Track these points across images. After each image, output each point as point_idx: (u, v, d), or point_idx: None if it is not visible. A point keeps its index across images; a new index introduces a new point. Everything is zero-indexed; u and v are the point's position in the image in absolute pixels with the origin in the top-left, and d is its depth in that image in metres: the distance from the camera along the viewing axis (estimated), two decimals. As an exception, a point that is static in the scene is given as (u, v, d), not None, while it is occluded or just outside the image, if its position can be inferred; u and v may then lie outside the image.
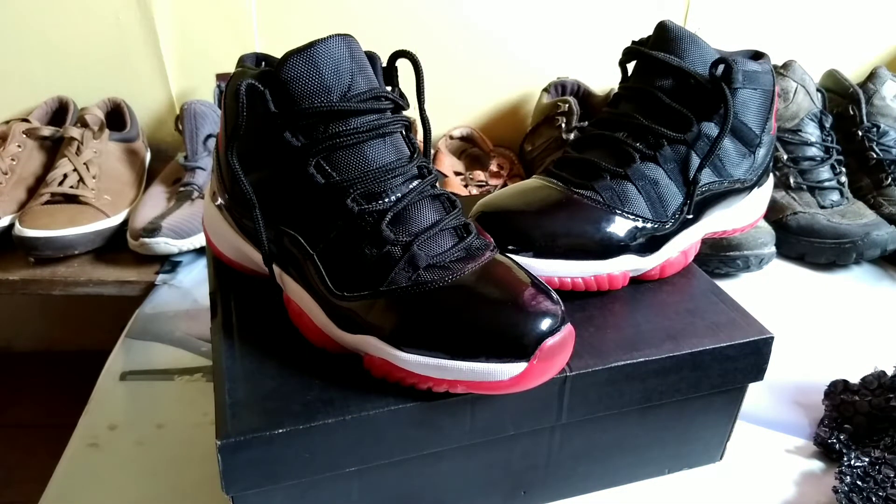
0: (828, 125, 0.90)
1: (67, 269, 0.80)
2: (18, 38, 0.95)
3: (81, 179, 0.83)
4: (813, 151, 0.88)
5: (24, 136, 0.88)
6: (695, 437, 0.54)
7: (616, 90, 0.57)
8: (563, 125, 0.92)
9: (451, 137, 1.04)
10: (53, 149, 0.89)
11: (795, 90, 0.89)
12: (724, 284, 0.56)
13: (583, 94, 1.00)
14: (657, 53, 0.52)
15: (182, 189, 0.85)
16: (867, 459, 0.52)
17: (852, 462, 0.52)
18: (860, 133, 0.92)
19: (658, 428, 0.51)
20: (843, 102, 0.94)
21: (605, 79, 1.03)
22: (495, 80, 1.06)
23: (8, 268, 0.79)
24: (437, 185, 0.45)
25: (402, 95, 0.45)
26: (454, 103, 1.05)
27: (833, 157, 0.88)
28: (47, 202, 0.81)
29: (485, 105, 1.08)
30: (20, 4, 0.93)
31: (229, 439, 0.38)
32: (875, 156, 0.90)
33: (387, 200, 0.42)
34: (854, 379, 0.60)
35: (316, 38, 0.41)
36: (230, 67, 0.52)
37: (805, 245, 0.83)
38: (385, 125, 0.43)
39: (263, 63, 0.49)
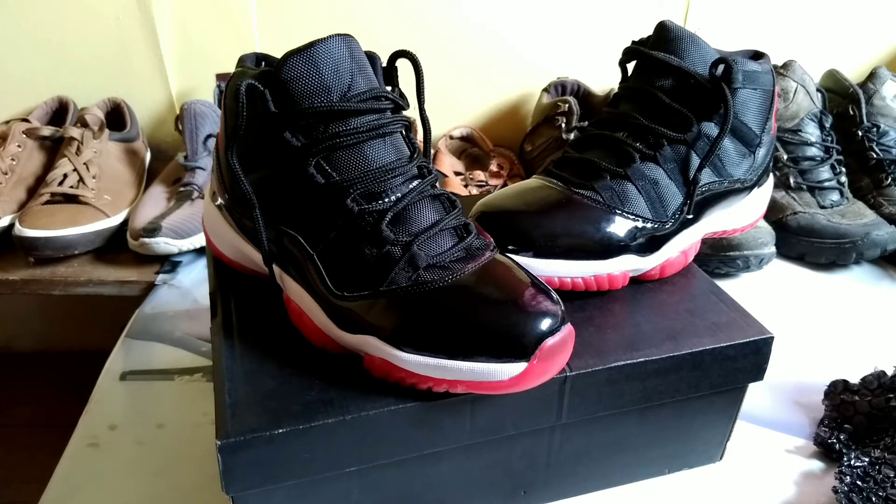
0: (828, 125, 0.90)
1: (67, 269, 0.80)
2: (18, 38, 0.95)
3: (81, 179, 0.83)
4: (813, 151, 0.88)
5: (24, 136, 0.88)
6: (695, 437, 0.54)
7: (616, 90, 0.57)
8: (563, 125, 0.92)
9: (451, 137, 1.04)
10: (53, 149, 0.89)
11: (795, 90, 0.89)
12: (724, 284, 0.56)
13: (583, 94, 1.00)
14: (657, 53, 0.52)
15: (182, 189, 0.85)
16: (867, 459, 0.52)
17: (852, 462, 0.52)
18: (860, 133, 0.92)
19: (658, 428, 0.51)
20: (843, 102, 0.94)
21: (605, 79, 1.03)
22: (495, 79, 1.06)
23: (8, 268, 0.79)
24: (437, 185, 0.45)
25: (402, 95, 0.45)
26: (454, 103, 1.05)
27: (833, 157, 0.88)
28: (47, 202, 0.81)
29: (485, 105, 1.08)
30: (20, 4, 0.93)
31: (229, 439, 0.38)
32: (875, 156, 0.90)
33: (387, 200, 0.42)
34: (854, 379, 0.60)
35: (316, 38, 0.41)
36: (230, 67, 0.52)
37: (805, 245, 0.83)
38: (385, 125, 0.43)
39: (263, 63, 0.49)
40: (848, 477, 0.51)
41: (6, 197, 0.83)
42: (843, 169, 0.89)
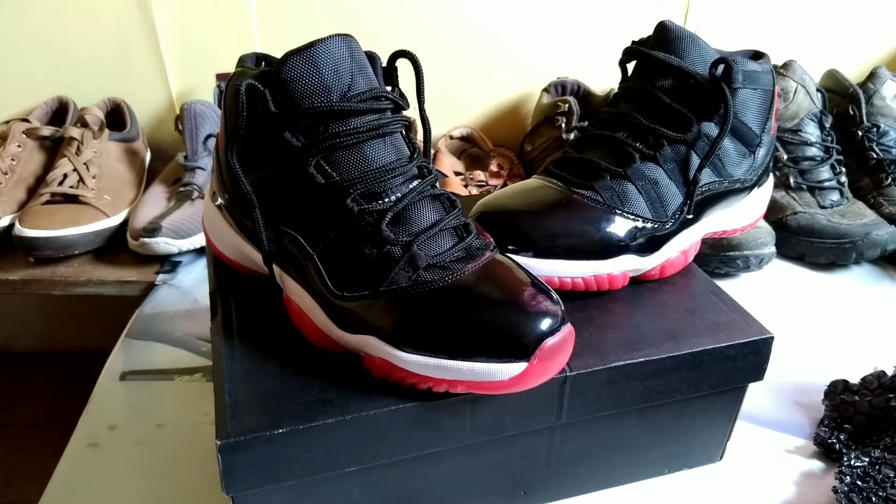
0: (828, 125, 0.90)
1: (67, 269, 0.80)
2: (18, 38, 0.95)
3: (81, 179, 0.83)
4: (813, 151, 0.88)
5: (24, 136, 0.88)
6: (695, 437, 0.54)
7: (616, 90, 0.57)
8: (563, 125, 0.92)
9: (451, 137, 1.04)
10: (53, 149, 0.89)
11: (795, 90, 0.89)
12: (724, 284, 0.56)
13: (583, 94, 1.00)
14: (657, 53, 0.52)
15: (182, 189, 0.85)
16: (867, 459, 0.52)
17: (852, 462, 0.52)
18: (860, 133, 0.92)
19: (658, 428, 0.51)
20: (843, 102, 0.94)
21: (605, 79, 1.03)
22: (495, 79, 1.06)
23: (8, 268, 0.79)
24: (437, 185, 0.45)
25: (402, 95, 0.45)
26: (454, 103, 1.05)
27: (833, 157, 0.88)
28: (47, 202, 0.81)
29: (485, 105, 1.08)
30: (20, 4, 0.93)
31: (229, 439, 0.38)
32: (875, 156, 0.90)
33: (387, 200, 0.42)
34: (854, 379, 0.60)
35: (316, 38, 0.41)
36: (230, 67, 0.52)
37: (805, 245, 0.83)
38: (385, 125, 0.43)
39: (263, 63, 0.49)
40: (848, 477, 0.51)
41: (6, 197, 0.83)
42: (843, 169, 0.89)
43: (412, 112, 0.45)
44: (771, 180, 0.62)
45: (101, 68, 0.98)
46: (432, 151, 0.89)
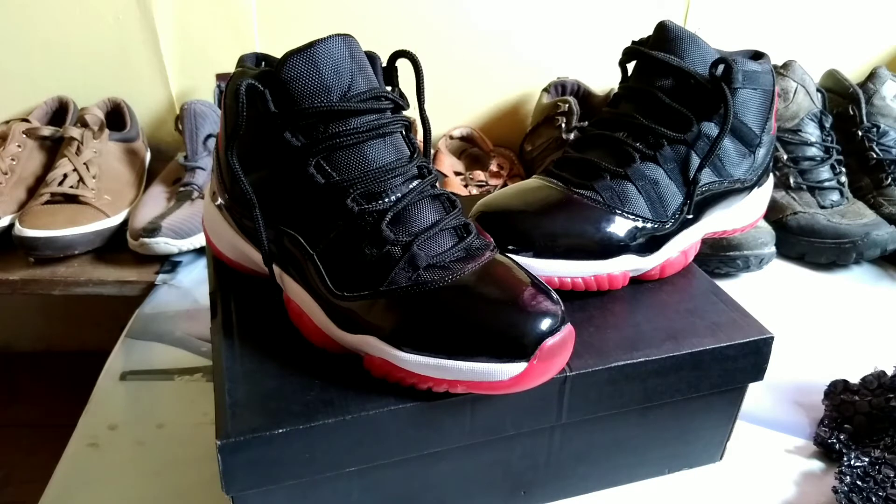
0: (828, 125, 0.90)
1: (67, 269, 0.80)
2: (18, 38, 0.95)
3: (81, 179, 0.83)
4: (813, 151, 0.88)
5: (24, 136, 0.88)
6: (695, 437, 0.54)
7: (616, 90, 0.57)
8: (563, 125, 0.92)
9: (451, 137, 1.04)
10: (53, 149, 0.89)
11: (795, 90, 0.89)
12: (724, 284, 0.56)
13: (583, 94, 1.00)
14: (657, 53, 0.52)
15: (182, 189, 0.85)
16: (867, 459, 0.52)
17: (852, 462, 0.52)
18: (860, 133, 0.92)
19: (658, 428, 0.51)
20: (843, 102, 0.94)
21: (605, 79, 1.03)
22: (495, 79, 1.06)
23: (8, 268, 0.79)
24: (437, 185, 0.45)
25: (402, 95, 0.45)
26: (454, 103, 1.05)
27: (833, 157, 0.88)
28: (47, 202, 0.81)
29: (485, 105, 1.08)
30: (20, 4, 0.93)
31: (229, 439, 0.38)
32: (875, 156, 0.90)
33: (387, 200, 0.42)
34: (854, 379, 0.60)
35: (316, 38, 0.41)
36: (230, 67, 0.52)
37: (805, 245, 0.83)
38: (385, 125, 0.43)
39: (263, 63, 0.49)
40: (848, 477, 0.51)
41: (6, 197, 0.83)
42: (843, 169, 0.89)
43: (412, 112, 0.45)
44: (771, 180, 0.62)
45: (101, 68, 0.98)
46: (432, 151, 0.89)
